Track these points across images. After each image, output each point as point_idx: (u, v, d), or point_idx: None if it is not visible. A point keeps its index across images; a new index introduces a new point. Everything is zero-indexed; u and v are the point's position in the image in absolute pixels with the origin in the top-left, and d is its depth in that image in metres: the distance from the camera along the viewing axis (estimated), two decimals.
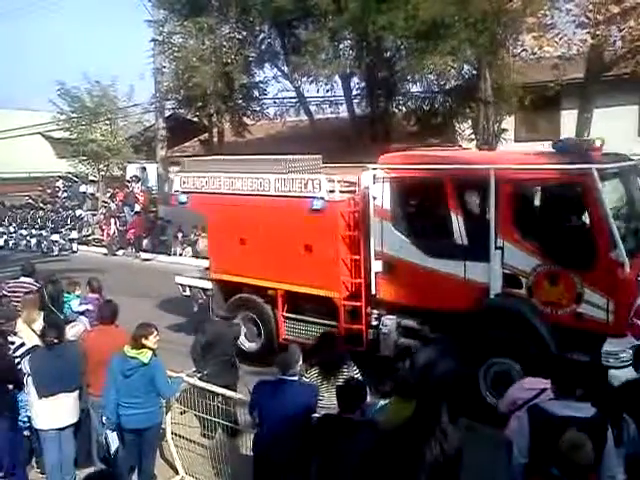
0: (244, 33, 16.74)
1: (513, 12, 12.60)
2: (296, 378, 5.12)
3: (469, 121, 15.43)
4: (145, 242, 21.15)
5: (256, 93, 18.13)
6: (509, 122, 15.48)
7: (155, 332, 5.85)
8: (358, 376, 5.52)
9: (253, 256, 9.03)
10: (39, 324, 7.04)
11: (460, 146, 16.45)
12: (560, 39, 11.90)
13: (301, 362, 5.39)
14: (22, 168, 28.67)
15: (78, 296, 8.84)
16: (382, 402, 5.08)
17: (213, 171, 9.56)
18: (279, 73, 17.50)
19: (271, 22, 16.07)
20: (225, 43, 16.37)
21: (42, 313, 7.37)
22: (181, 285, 10.66)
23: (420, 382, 5.41)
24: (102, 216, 23.61)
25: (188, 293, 10.62)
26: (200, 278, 10.42)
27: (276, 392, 4.97)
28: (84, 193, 26.63)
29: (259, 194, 8.85)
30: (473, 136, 15.17)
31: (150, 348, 5.78)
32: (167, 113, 22.36)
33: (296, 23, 15.57)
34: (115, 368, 5.70)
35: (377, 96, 16.13)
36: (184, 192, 9.93)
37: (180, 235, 20.20)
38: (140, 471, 5.99)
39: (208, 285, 10.10)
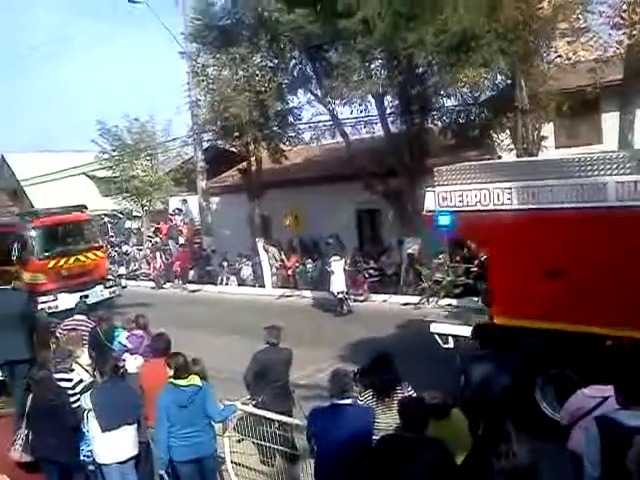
0: (275, 60, 16.98)
1: (544, 18, 12.48)
2: (351, 402, 5.05)
3: (507, 131, 15.22)
4: (191, 273, 21.47)
5: (291, 119, 18.29)
6: (548, 129, 15.22)
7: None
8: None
9: (580, 292, 6.72)
10: (84, 359, 7.26)
11: (500, 157, 16.36)
12: (595, 42, 11.71)
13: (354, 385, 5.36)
14: None
15: (123, 327, 9.06)
16: None
17: (495, 181, 7.31)
18: (312, 97, 17.62)
19: (301, 48, 16.24)
20: (258, 72, 16.61)
21: (86, 349, 7.58)
22: (440, 335, 8.34)
23: (477, 399, 5.31)
24: (148, 250, 24.10)
25: (451, 345, 8.36)
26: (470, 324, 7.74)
27: (332, 418, 4.91)
28: (129, 229, 27.27)
29: (587, 206, 6.60)
30: (512, 146, 14.96)
31: (196, 373, 5.84)
32: (205, 145, 22.76)
33: (326, 47, 15.68)
34: (168, 402, 5.69)
35: (411, 112, 16.08)
36: (445, 211, 7.72)
37: (225, 264, 20.45)
38: None
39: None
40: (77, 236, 16.95)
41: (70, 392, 6.53)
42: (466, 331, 7.55)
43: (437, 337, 8.31)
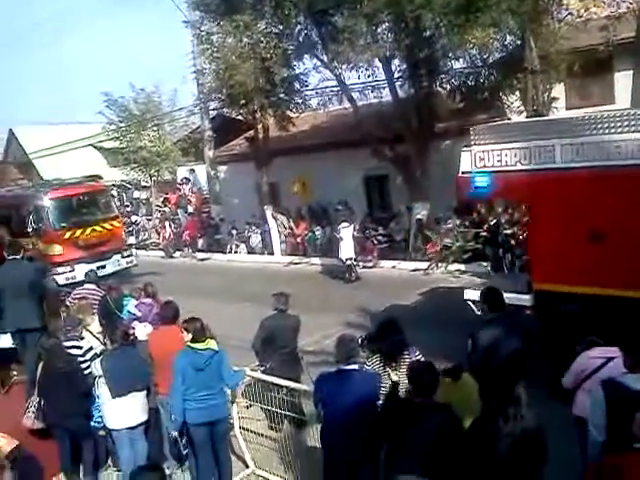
0: (280, 27, 16.66)
1: None
2: (357, 367, 5.06)
3: (517, 93, 14.92)
4: (200, 242, 21.54)
5: (297, 85, 18.01)
6: (559, 90, 14.91)
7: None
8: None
9: (624, 256, 6.44)
10: (95, 326, 7.35)
11: (510, 119, 16.08)
12: None
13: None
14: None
15: (132, 296, 9.14)
16: None
17: (538, 138, 6.87)
18: (319, 63, 17.31)
19: (306, 13, 15.91)
20: (262, 38, 16.33)
21: (96, 317, 7.67)
22: (474, 302, 7.94)
23: (484, 363, 5.29)
24: (157, 220, 24.15)
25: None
26: (510, 291, 7.39)
27: (339, 383, 4.92)
28: (138, 199, 27.30)
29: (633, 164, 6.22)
30: (522, 108, 14.70)
31: (212, 337, 5.88)
32: (211, 114, 22.59)
33: (332, 11, 15.34)
34: (185, 365, 5.75)
35: (419, 76, 15.81)
36: (483, 172, 7.30)
37: (234, 232, 20.47)
38: (219, 466, 6.07)
39: (525, 300, 7.56)
40: (93, 206, 16.95)
41: (80, 359, 6.61)
42: (510, 298, 7.14)
43: (471, 304, 7.96)
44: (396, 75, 16.38)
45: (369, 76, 16.36)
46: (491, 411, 4.07)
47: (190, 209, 22.82)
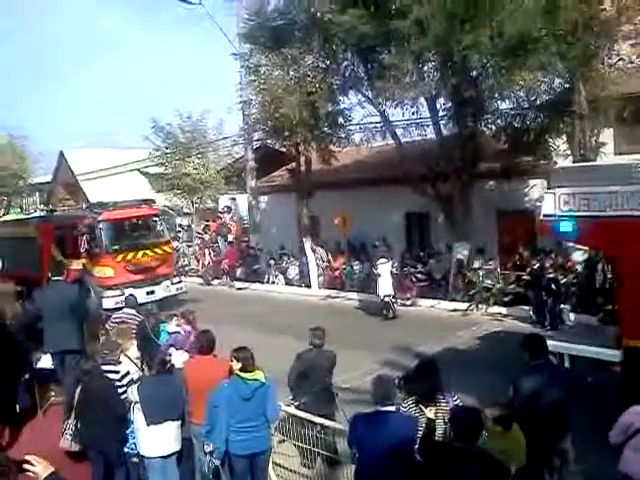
0: (327, 62, 16.92)
1: (606, 20, 12.05)
2: (394, 409, 4.98)
3: (564, 136, 14.76)
4: (239, 271, 21.68)
5: (341, 120, 18.17)
6: (607, 135, 14.70)
7: None
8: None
9: None
10: (133, 352, 7.38)
11: (555, 163, 15.90)
12: None
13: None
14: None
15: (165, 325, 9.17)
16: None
17: (630, 182, 6.38)
18: (363, 99, 17.47)
19: (354, 49, 16.14)
20: (309, 72, 16.60)
21: (135, 342, 7.70)
22: (554, 354, 7.42)
23: (527, 411, 5.14)
24: (197, 247, 24.43)
25: (567, 365, 7.64)
26: (594, 345, 7.20)
27: (375, 424, 4.84)
28: (180, 225, 27.73)
29: None
30: (569, 152, 14.52)
31: (260, 369, 5.86)
32: (255, 144, 22.92)
33: (379, 48, 15.52)
34: (231, 394, 5.74)
35: (464, 116, 15.76)
36: (567, 216, 6.93)
37: (272, 263, 20.55)
38: None
39: (612, 356, 7.15)
40: (145, 230, 16.86)
41: (117, 384, 6.64)
42: (596, 353, 7.03)
43: (551, 357, 7.25)
44: (441, 113, 16.39)
45: (413, 113, 16.41)
46: (536, 461, 3.92)
47: (230, 238, 23.05)
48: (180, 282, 17.08)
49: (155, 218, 17.32)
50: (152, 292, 15.48)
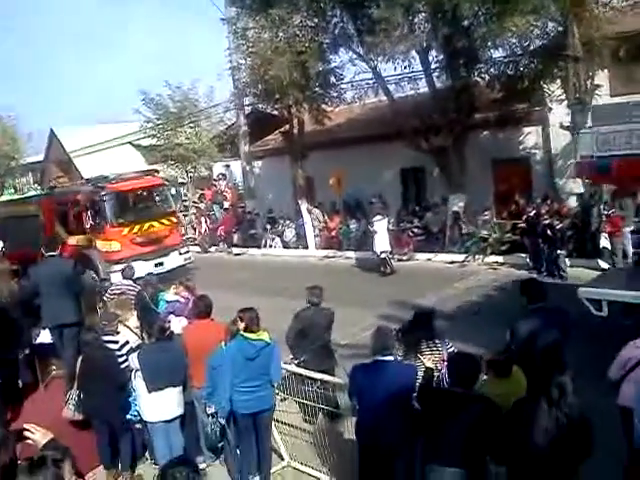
0: (316, 20, 16.53)
1: None
2: (392, 358, 4.99)
3: (558, 81, 14.49)
4: (235, 237, 21.65)
5: (333, 79, 17.89)
6: (603, 77, 14.43)
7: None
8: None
9: None
10: (133, 321, 7.36)
11: (550, 109, 15.67)
12: None
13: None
14: None
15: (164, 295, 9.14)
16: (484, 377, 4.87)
17: None
18: (354, 56, 17.15)
19: (342, 5, 15.80)
20: (298, 32, 16.27)
21: (135, 312, 7.67)
22: (591, 300, 7.32)
23: (523, 354, 5.14)
24: (193, 216, 24.35)
25: (605, 313, 7.30)
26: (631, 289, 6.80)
27: (374, 374, 4.84)
28: (185, 195, 27.60)
29: None
30: (563, 97, 14.28)
31: (266, 330, 5.82)
32: (247, 110, 22.64)
33: (367, 2, 15.15)
34: (236, 353, 5.75)
35: (457, 67, 15.48)
36: (606, 156, 6.59)
37: (269, 227, 20.50)
38: (259, 456, 6.04)
39: None
40: (151, 201, 16.41)
41: (117, 353, 6.63)
42: (629, 297, 6.67)
43: (587, 303, 7.21)
44: (433, 66, 16.12)
45: (405, 67, 16.15)
46: (535, 393, 3.90)
47: (226, 204, 22.95)
48: (188, 252, 16.68)
49: (160, 188, 16.85)
50: (161, 264, 15.12)
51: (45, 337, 8.34)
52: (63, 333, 7.88)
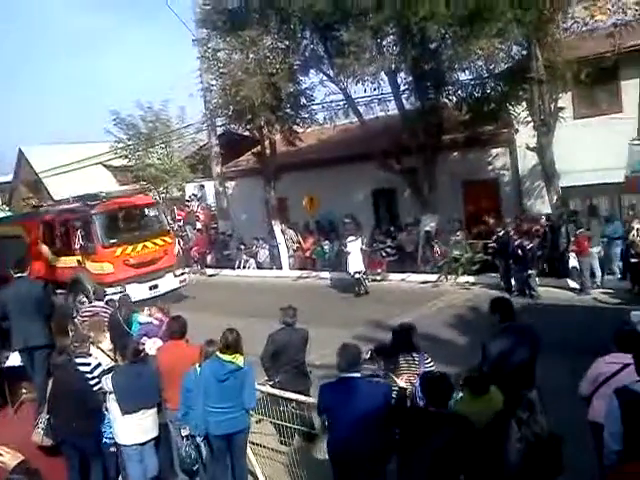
0: (286, 42, 16.71)
1: None
2: (359, 375, 4.95)
3: (524, 103, 14.87)
4: (209, 258, 21.55)
5: (304, 100, 18.03)
6: (566, 99, 14.86)
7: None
8: (433, 369, 5.38)
9: None
10: (106, 344, 7.29)
11: (517, 130, 16.02)
12: (613, 5, 11.33)
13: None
14: None
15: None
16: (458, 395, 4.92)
17: None
18: (325, 77, 17.34)
19: (312, 27, 16.01)
20: (269, 54, 16.40)
21: (108, 334, 7.60)
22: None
23: (494, 372, 5.22)
24: None
25: None
26: None
27: (342, 392, 4.83)
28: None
29: None
30: (529, 119, 14.64)
31: (242, 353, 5.82)
32: (219, 130, 22.67)
33: (337, 25, 15.38)
34: (208, 374, 5.76)
35: (425, 88, 15.77)
36: None
37: (243, 247, 20.47)
38: (235, 479, 5.99)
39: None
40: (143, 221, 15.85)
41: (88, 376, 6.55)
42: None
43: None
44: (402, 88, 16.38)
45: (375, 89, 16.38)
46: (504, 415, 3.98)
47: (198, 225, 22.85)
48: (183, 274, 16.11)
49: (153, 207, 16.38)
50: (156, 286, 14.61)
51: (15, 360, 8.22)
52: (33, 356, 7.78)
